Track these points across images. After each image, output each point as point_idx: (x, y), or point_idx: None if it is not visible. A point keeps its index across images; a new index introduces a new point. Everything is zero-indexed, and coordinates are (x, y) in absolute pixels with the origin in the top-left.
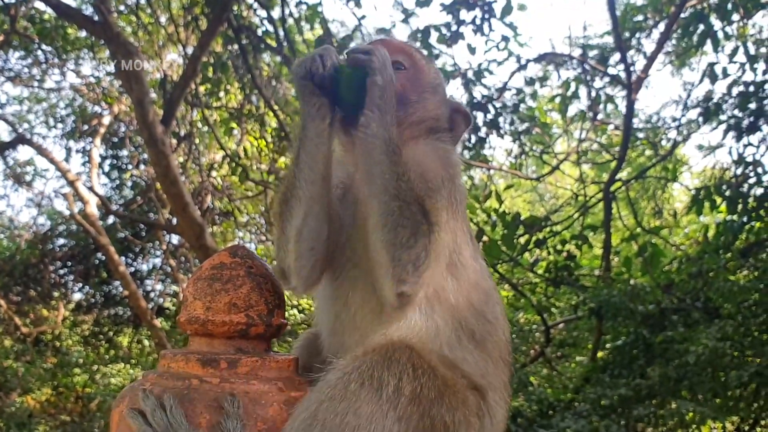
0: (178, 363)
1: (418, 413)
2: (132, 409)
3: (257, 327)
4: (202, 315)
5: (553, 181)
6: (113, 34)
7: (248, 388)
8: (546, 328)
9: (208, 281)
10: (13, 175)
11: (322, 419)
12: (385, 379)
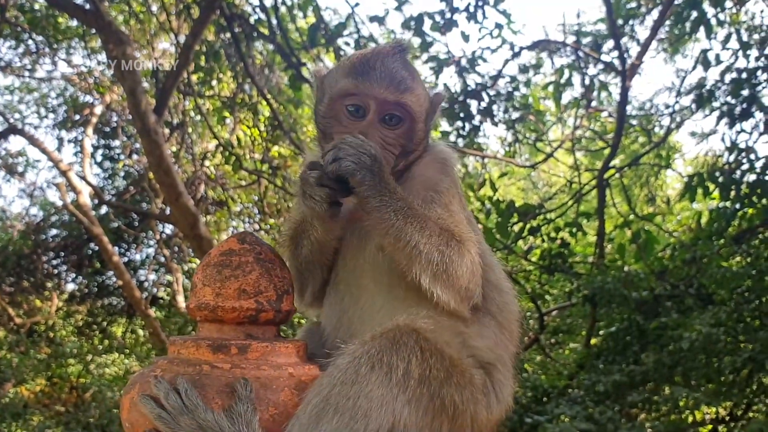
0: (188, 349)
1: (428, 395)
2: (144, 395)
3: (267, 313)
4: (212, 301)
5: (546, 169)
6: (104, 23)
7: (259, 374)
8: (540, 315)
9: (218, 267)
10: (5, 165)
11: (335, 403)
12: (394, 362)
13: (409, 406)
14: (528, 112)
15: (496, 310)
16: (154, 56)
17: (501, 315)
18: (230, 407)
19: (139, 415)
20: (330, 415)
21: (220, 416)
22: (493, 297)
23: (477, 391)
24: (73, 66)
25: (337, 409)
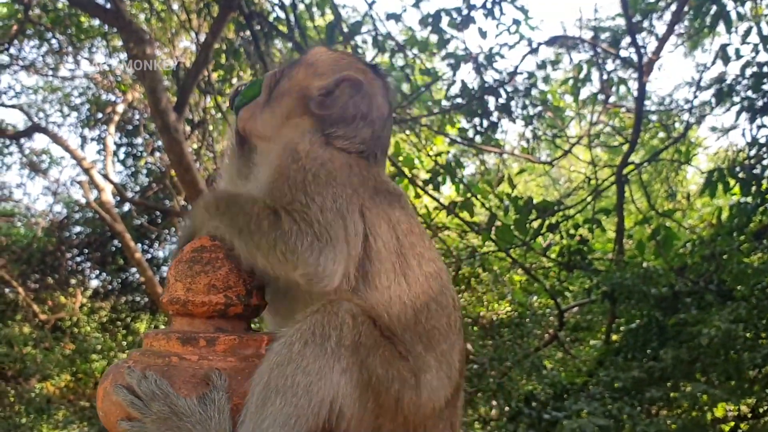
0: (159, 341)
1: (357, 364)
2: (117, 384)
3: (235, 307)
4: (183, 296)
5: (567, 165)
6: (125, 22)
7: (225, 365)
8: (559, 312)
9: (189, 263)
10: (30, 163)
11: (275, 385)
12: (327, 332)
13: (344, 376)
14: (546, 108)
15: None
16: (174, 54)
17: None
18: (204, 395)
19: (111, 404)
20: (273, 397)
21: (192, 402)
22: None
23: (405, 369)
24: (95, 65)
25: (278, 390)
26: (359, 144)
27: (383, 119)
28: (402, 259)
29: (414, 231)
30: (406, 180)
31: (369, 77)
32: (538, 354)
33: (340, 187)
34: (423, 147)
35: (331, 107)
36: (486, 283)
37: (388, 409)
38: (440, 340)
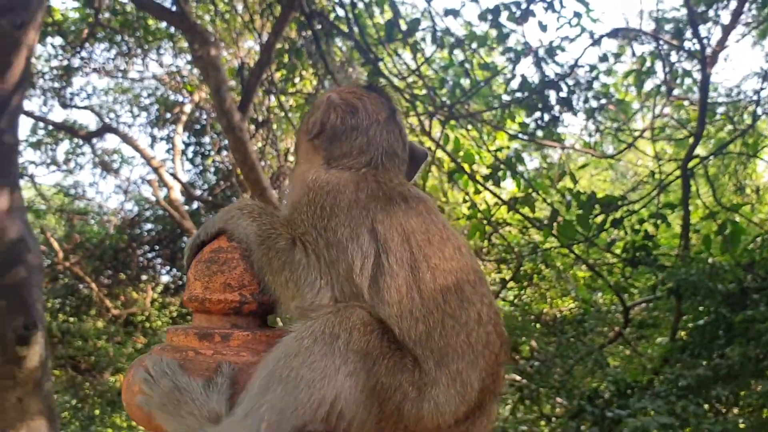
0: (179, 337)
1: (365, 370)
2: (138, 367)
3: (250, 305)
4: (201, 294)
5: (634, 159)
6: (190, 24)
7: (238, 359)
8: (624, 309)
9: (207, 263)
10: (102, 163)
11: (279, 374)
12: (337, 332)
13: (350, 380)
14: (609, 101)
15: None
16: (239, 55)
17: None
18: (211, 377)
19: (132, 394)
20: (275, 385)
21: (195, 381)
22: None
23: (407, 381)
24: (163, 66)
25: (281, 379)
26: (360, 156)
27: (379, 124)
28: (415, 273)
29: (432, 241)
30: (465, 176)
31: (351, 91)
32: (602, 351)
33: (345, 213)
34: (483, 142)
35: (327, 133)
36: (549, 279)
37: (390, 416)
38: (455, 358)
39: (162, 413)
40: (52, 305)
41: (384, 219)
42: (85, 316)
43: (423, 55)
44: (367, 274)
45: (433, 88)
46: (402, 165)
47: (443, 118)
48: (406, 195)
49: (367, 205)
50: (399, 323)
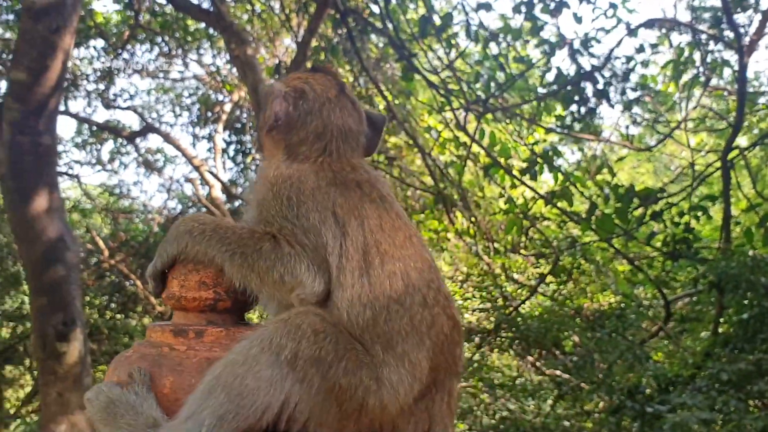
0: (156, 333)
1: (319, 375)
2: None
3: (224, 302)
4: (177, 292)
5: (677, 151)
6: (227, 24)
7: (210, 355)
8: (666, 303)
9: (183, 263)
10: (145, 162)
11: (224, 381)
12: (282, 343)
13: (301, 385)
14: (646, 93)
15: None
16: (275, 53)
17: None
18: (132, 386)
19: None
20: (218, 392)
21: (125, 393)
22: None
23: (368, 377)
24: (203, 66)
25: (225, 386)
26: (317, 141)
27: (330, 102)
28: (366, 257)
29: (384, 227)
30: (501, 170)
31: (296, 77)
32: (643, 346)
33: (311, 199)
34: (520, 136)
35: (282, 124)
36: (588, 274)
37: (351, 413)
38: (399, 340)
39: (103, 426)
40: (99, 302)
41: (342, 203)
42: (131, 312)
43: (457, 50)
44: (337, 254)
45: (468, 82)
46: (360, 139)
47: (478, 112)
48: (360, 181)
49: (327, 190)
50: (348, 309)
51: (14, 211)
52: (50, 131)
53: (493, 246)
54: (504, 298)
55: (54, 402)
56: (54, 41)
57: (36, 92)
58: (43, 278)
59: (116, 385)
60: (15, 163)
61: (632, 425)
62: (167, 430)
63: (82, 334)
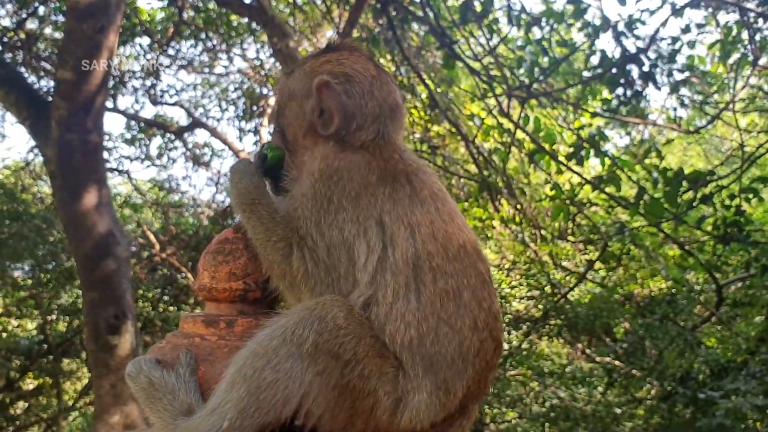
0: (188, 324)
1: (338, 370)
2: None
3: (254, 292)
4: (208, 283)
5: (727, 132)
6: (268, 18)
7: (241, 345)
8: (717, 288)
9: (213, 254)
10: (193, 156)
11: (244, 373)
12: (305, 335)
13: (320, 378)
14: (693, 74)
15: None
16: (317, 45)
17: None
18: (177, 368)
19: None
20: (239, 384)
21: (166, 375)
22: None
23: (383, 390)
24: (247, 60)
25: (245, 379)
26: (373, 124)
27: (375, 79)
28: (417, 272)
29: (436, 235)
30: (547, 156)
31: (327, 62)
32: (694, 332)
33: (353, 204)
34: (565, 121)
35: (332, 119)
36: (638, 259)
37: (362, 413)
38: (443, 366)
39: (144, 406)
40: (152, 295)
41: (391, 210)
42: (182, 305)
43: (499, 35)
44: (371, 269)
45: (510, 67)
46: (404, 113)
47: (522, 98)
48: (410, 174)
49: (375, 191)
50: (389, 326)
51: (65, 207)
52: (98, 128)
53: (539, 233)
54: (552, 285)
55: (107, 393)
56: (99, 40)
57: (83, 90)
58: (94, 273)
59: (157, 366)
60: (64, 161)
61: (684, 412)
62: (194, 422)
63: (133, 327)
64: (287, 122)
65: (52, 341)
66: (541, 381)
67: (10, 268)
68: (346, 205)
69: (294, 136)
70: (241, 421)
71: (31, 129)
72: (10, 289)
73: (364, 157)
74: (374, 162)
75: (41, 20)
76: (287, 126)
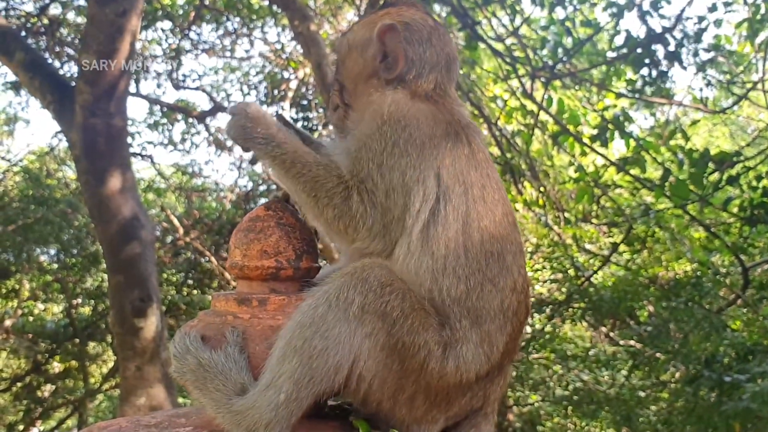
0: (221, 302)
1: (385, 330)
2: (172, 342)
3: (286, 270)
4: (240, 261)
5: (754, 113)
6: (289, 1)
7: (273, 323)
8: (744, 270)
9: (245, 232)
10: (216, 141)
11: (294, 346)
12: (350, 297)
13: (368, 340)
14: (719, 53)
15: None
16: (338, 28)
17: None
18: (225, 348)
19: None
20: (291, 356)
21: (215, 355)
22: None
23: (432, 341)
24: (268, 44)
25: (296, 350)
26: (431, 73)
27: (435, 30)
28: (466, 229)
29: (486, 199)
30: (571, 138)
31: (388, 13)
32: (720, 315)
33: (418, 151)
34: (589, 102)
35: (397, 62)
36: (663, 242)
37: (412, 372)
38: (487, 319)
39: (192, 388)
40: (176, 279)
41: (450, 165)
42: (207, 288)
43: (522, 16)
44: (423, 218)
45: (534, 48)
46: (458, 65)
47: (546, 79)
48: (470, 136)
49: (438, 143)
50: (440, 278)
51: (90, 191)
52: (121, 113)
53: (563, 216)
54: (575, 268)
55: (133, 376)
56: (121, 24)
57: (106, 75)
58: (120, 256)
59: (206, 347)
60: (88, 145)
61: (709, 395)
62: (250, 400)
63: (159, 310)
64: (347, 74)
65: (78, 325)
66: (564, 364)
67: (36, 252)
68: (410, 151)
69: (354, 86)
70: (297, 393)
71: (56, 114)
72: (37, 273)
73: (430, 108)
74: (440, 115)
75: (64, 5)
76: (347, 79)
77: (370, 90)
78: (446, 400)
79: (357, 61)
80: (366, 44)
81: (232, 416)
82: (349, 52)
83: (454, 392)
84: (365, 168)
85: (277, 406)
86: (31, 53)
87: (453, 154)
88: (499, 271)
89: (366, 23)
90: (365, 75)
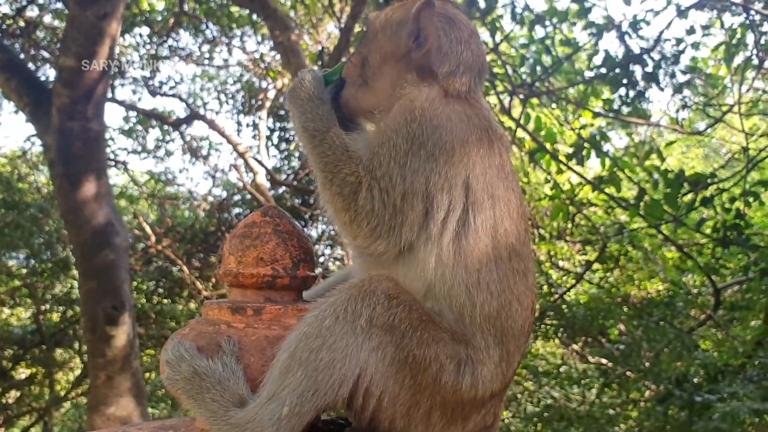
0: (213, 311)
1: (393, 344)
2: (165, 349)
3: (282, 279)
4: (235, 268)
5: (728, 136)
6: (270, 11)
7: (269, 333)
8: (715, 291)
9: (240, 238)
10: (190, 149)
11: (299, 357)
12: (358, 310)
13: (375, 354)
14: (696, 75)
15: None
16: (318, 39)
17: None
18: (221, 357)
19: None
20: (295, 368)
21: (212, 364)
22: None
23: (444, 354)
24: (247, 53)
25: (301, 362)
26: (464, 74)
27: (473, 35)
28: (496, 245)
29: (512, 214)
30: (547, 156)
31: (441, 4)
32: (691, 334)
33: (446, 157)
34: (566, 121)
35: (428, 40)
36: (636, 261)
37: (426, 387)
38: (512, 340)
39: (186, 398)
40: (146, 287)
41: (480, 174)
42: (177, 297)
43: (502, 33)
44: (452, 228)
45: (513, 65)
46: (487, 73)
47: (524, 96)
48: (503, 146)
49: (470, 150)
50: (474, 293)
51: (63, 196)
52: (98, 117)
53: (538, 232)
54: (549, 285)
55: (103, 385)
56: (102, 27)
57: (84, 78)
58: (93, 262)
59: (201, 355)
60: (64, 149)
61: (680, 414)
62: (251, 412)
63: (131, 318)
64: (376, 49)
65: (46, 331)
66: (535, 380)
67: (5, 257)
68: (438, 156)
69: (380, 64)
70: (301, 407)
71: (31, 116)
72: (5, 278)
73: (465, 110)
74: (475, 119)
75: (41, 8)
76: (375, 54)
77: (397, 76)
78: (462, 416)
79: (391, 38)
80: (401, 22)
81: (230, 429)
82: (383, 27)
83: (470, 408)
84: (384, 165)
85: (279, 420)
86: (7, 53)
87: (484, 164)
88: (524, 290)
89: (407, 3)
90: (396, 55)
